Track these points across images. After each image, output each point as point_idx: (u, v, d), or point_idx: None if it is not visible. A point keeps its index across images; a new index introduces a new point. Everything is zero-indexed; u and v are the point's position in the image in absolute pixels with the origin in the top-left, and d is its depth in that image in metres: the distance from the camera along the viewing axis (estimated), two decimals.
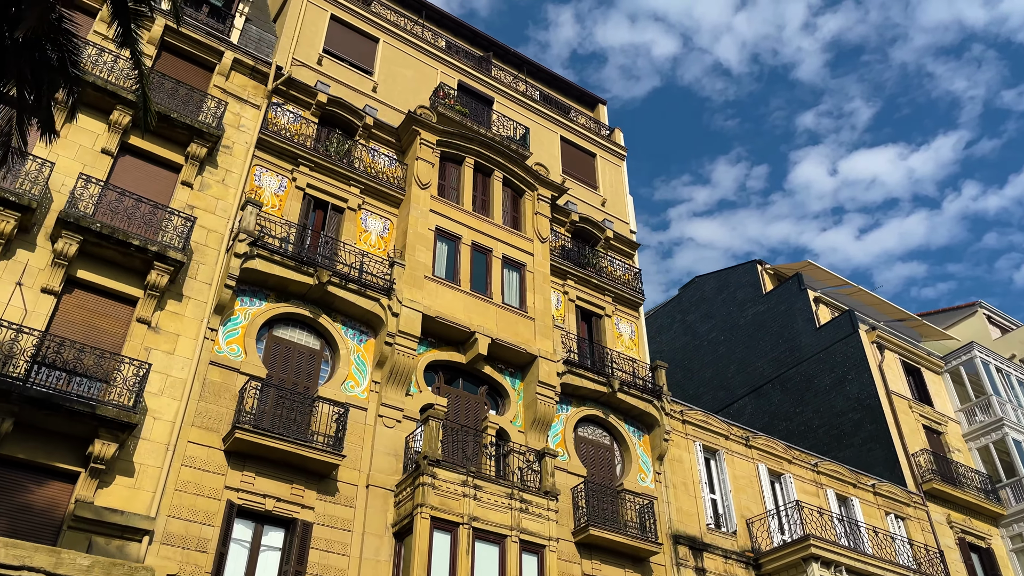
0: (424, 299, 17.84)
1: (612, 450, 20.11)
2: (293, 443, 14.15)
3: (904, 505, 25.20)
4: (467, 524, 14.86)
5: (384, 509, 15.25)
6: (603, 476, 19.40)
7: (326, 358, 16.66)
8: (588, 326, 22.22)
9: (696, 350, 39.37)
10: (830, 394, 30.71)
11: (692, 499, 20.31)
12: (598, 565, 17.48)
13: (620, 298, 22.82)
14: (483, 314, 18.68)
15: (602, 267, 23.14)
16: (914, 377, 31.16)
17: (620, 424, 20.29)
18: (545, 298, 20.24)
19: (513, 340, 18.76)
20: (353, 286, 16.94)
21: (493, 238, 20.28)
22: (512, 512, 15.58)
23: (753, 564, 20.07)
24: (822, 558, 19.10)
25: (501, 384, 18.66)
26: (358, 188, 19.10)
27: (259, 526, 14.00)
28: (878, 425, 28.33)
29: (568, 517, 17.77)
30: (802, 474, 23.27)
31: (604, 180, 25.73)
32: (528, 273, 20.44)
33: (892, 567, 20.24)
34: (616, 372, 20.68)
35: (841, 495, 23.80)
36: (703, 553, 19.42)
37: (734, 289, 38.90)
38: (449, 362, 18.19)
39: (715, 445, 21.88)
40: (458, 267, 19.12)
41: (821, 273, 35.80)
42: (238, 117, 18.12)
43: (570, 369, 19.50)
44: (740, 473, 21.85)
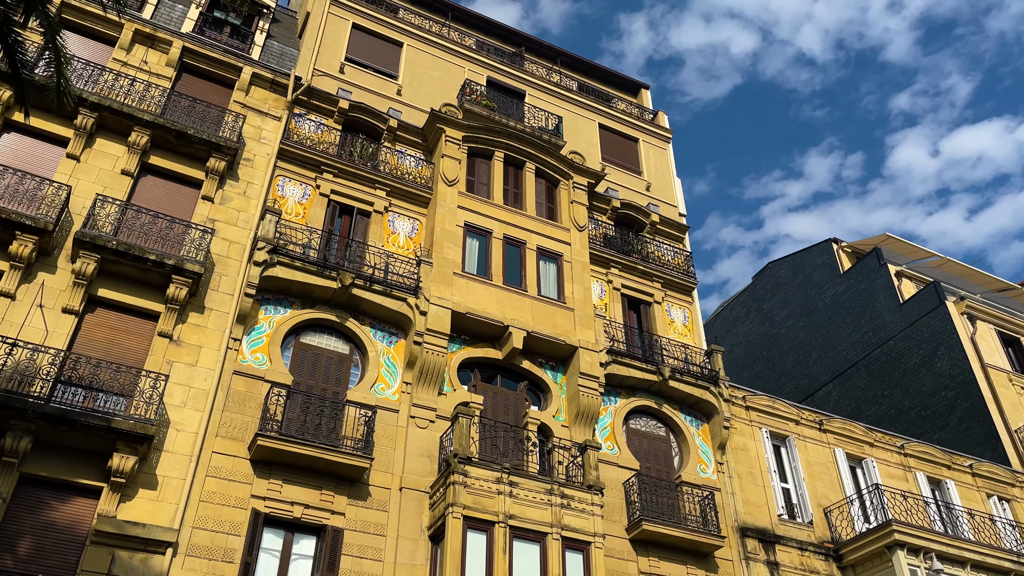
0: (454, 296, 17.36)
1: (668, 442, 19.03)
2: (318, 447, 13.84)
3: (1008, 486, 22.97)
4: (503, 523, 14.18)
5: (419, 512, 14.75)
6: (659, 469, 18.35)
7: (356, 362, 16.37)
8: (637, 315, 21.25)
9: (775, 339, 37.50)
10: (919, 373, 28.55)
11: (760, 489, 18.97)
12: (656, 562, 16.44)
13: (670, 283, 21.75)
14: (518, 307, 18.04)
15: (648, 253, 22.14)
16: (1014, 348, 28.63)
17: (675, 414, 19.21)
18: (585, 287, 19.44)
19: (551, 332, 18.03)
20: (378, 287, 16.62)
21: (526, 230, 19.65)
22: (552, 508, 14.80)
23: (834, 555, 18.55)
24: (908, 544, 17.45)
25: (542, 379, 17.94)
26: (384, 191, 18.86)
27: (289, 534, 13.71)
28: (974, 402, 26.09)
29: (621, 513, 16.83)
30: (886, 457, 21.49)
31: (648, 164, 24.74)
32: (565, 263, 19.70)
33: (992, 552, 18.32)
34: (667, 359, 19.63)
35: (933, 478, 21.87)
36: (775, 546, 18.06)
37: (810, 271, 36.91)
38: (485, 359, 17.62)
39: (784, 431, 20.45)
40: (490, 262, 18.56)
41: (902, 246, 33.50)
42: (259, 130, 18.18)
43: (615, 359, 18.59)
44: (814, 459, 20.33)
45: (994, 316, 28.44)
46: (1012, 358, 28.21)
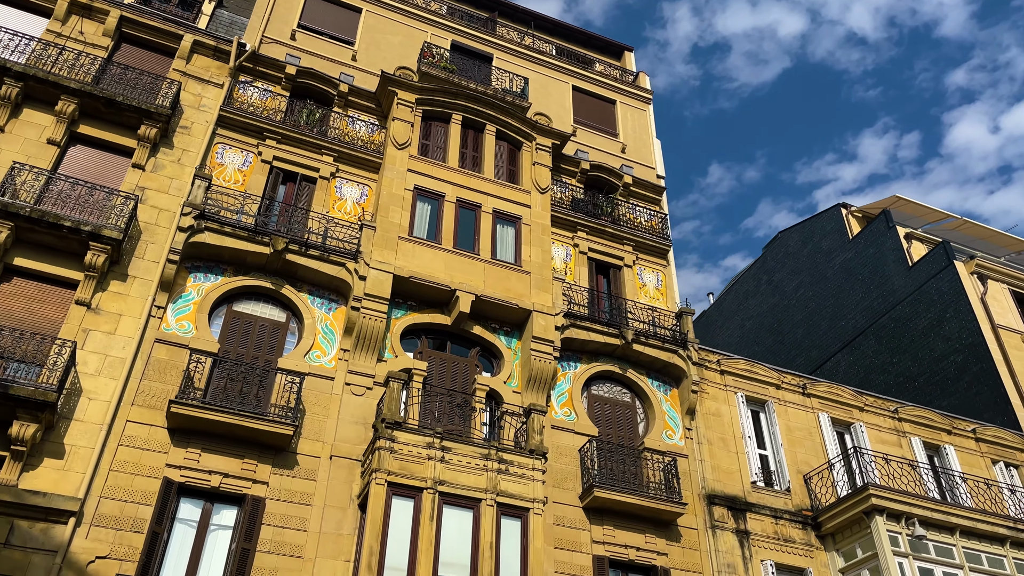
0: (398, 260, 16.71)
1: (633, 407, 18.14)
2: (236, 415, 13.32)
3: (1017, 451, 21.54)
4: (432, 489, 13.50)
5: (349, 481, 14.16)
6: (621, 436, 17.49)
7: (293, 330, 15.83)
8: (607, 279, 20.35)
9: (785, 311, 36.12)
10: (927, 338, 27.07)
11: (733, 455, 17.98)
12: (611, 531, 15.61)
13: (642, 246, 20.80)
14: (468, 271, 17.31)
15: (620, 215, 21.21)
16: None
17: (641, 379, 18.30)
18: (544, 250, 18.62)
19: (503, 296, 17.27)
20: (315, 252, 16.05)
21: (483, 193, 18.90)
22: (488, 474, 14.07)
23: (812, 524, 17.49)
24: (888, 510, 16.31)
25: (494, 344, 17.20)
26: (331, 156, 18.28)
27: (208, 504, 13.24)
28: (984, 365, 24.58)
29: (575, 481, 16.04)
30: (878, 423, 20.27)
31: (625, 126, 23.78)
32: (524, 226, 18.91)
33: (985, 518, 17.05)
34: (632, 323, 18.72)
35: (931, 443, 20.59)
36: (746, 514, 17.07)
37: (819, 239, 35.44)
38: (433, 325, 16.94)
39: (763, 395, 19.38)
40: (440, 226, 17.87)
41: (913, 207, 31.88)
42: (199, 98, 17.74)
43: (573, 323, 17.76)
44: (796, 424, 19.23)
45: (1008, 275, 26.79)
46: None
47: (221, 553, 12.86)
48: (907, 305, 28.44)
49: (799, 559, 16.87)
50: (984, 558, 16.80)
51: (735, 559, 16.31)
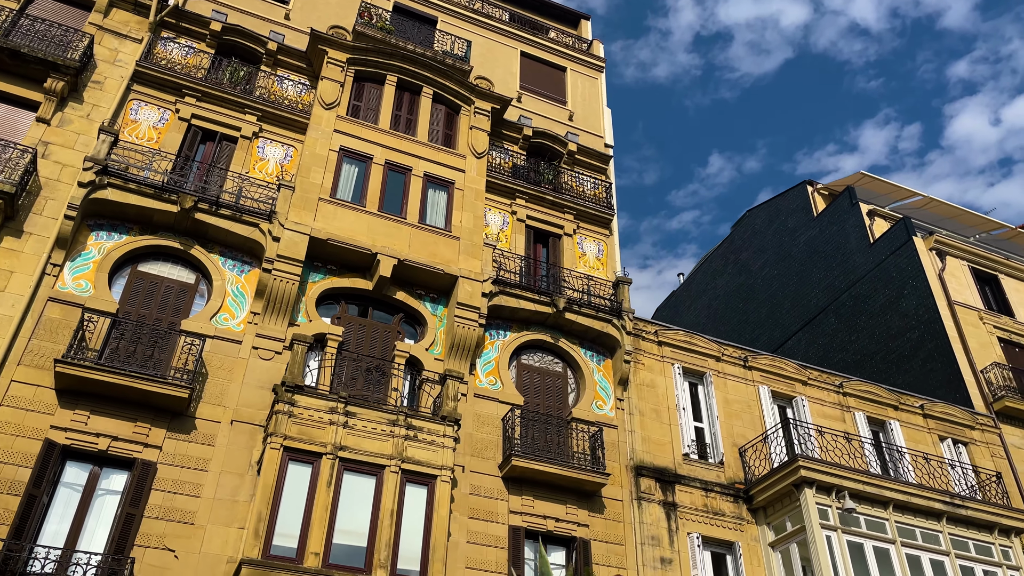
0: (316, 222, 16.12)
1: (564, 377, 17.64)
2: (127, 376, 12.75)
3: (967, 428, 21.13)
4: (332, 454, 12.98)
5: (250, 446, 13.61)
6: (550, 405, 16.99)
7: (202, 292, 15.25)
8: (546, 247, 19.80)
9: (750, 290, 35.67)
10: (885, 315, 26.64)
11: (666, 427, 17.50)
12: (530, 501, 15.13)
13: (584, 215, 20.23)
14: (393, 236, 16.74)
15: (562, 183, 20.63)
16: (991, 286, 26.51)
17: (574, 348, 17.78)
18: (476, 216, 18.05)
19: (428, 261, 16.70)
20: (226, 212, 15.44)
21: (414, 156, 18.29)
22: (395, 440, 13.56)
23: (744, 497, 17.05)
24: (818, 482, 15.86)
25: (418, 311, 16.65)
26: (255, 116, 17.63)
27: (97, 468, 12.69)
28: (938, 341, 24.15)
29: (496, 450, 15.54)
30: (821, 397, 19.82)
31: (575, 94, 23.17)
32: (457, 191, 18.32)
33: (921, 492, 16.62)
34: (566, 292, 18.19)
35: (876, 418, 20.16)
36: (675, 486, 16.61)
37: (785, 217, 34.95)
38: (353, 289, 16.38)
39: (702, 367, 18.90)
40: (366, 188, 17.27)
41: (879, 185, 31.37)
42: (115, 52, 17.06)
43: (503, 290, 17.21)
44: (735, 397, 18.77)
45: (968, 252, 26.34)
46: (987, 296, 26.14)
47: (107, 518, 12.33)
48: (866, 282, 28.00)
49: (728, 532, 16.43)
50: (919, 533, 16.39)
51: (660, 531, 15.87)
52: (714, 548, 16.38)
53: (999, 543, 17.04)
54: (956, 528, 16.77)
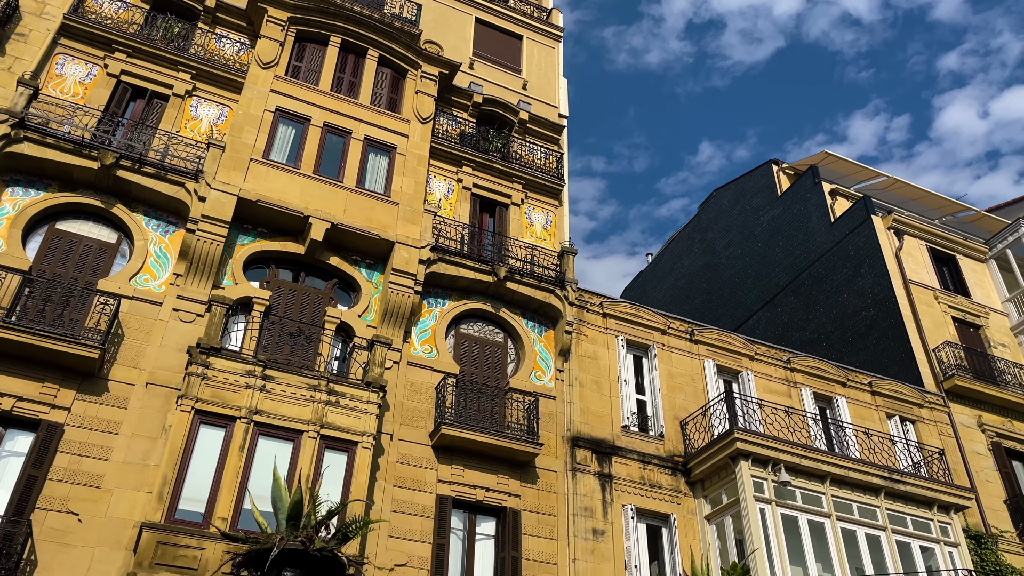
0: (247, 183, 15.64)
1: (504, 348, 17.32)
2: (33, 335, 12.29)
3: (916, 406, 21.05)
4: (247, 418, 12.62)
5: (165, 410, 13.19)
6: (487, 375, 16.67)
7: (124, 252, 14.76)
8: (493, 217, 19.42)
9: (715, 270, 35.49)
10: (842, 294, 26.49)
11: (606, 399, 17.24)
12: (460, 470, 14.84)
13: (533, 185, 19.84)
14: (328, 199, 16.29)
15: (512, 152, 20.22)
16: (949, 267, 26.42)
17: (515, 318, 17.46)
18: (418, 182, 17.63)
19: (364, 226, 16.27)
20: (150, 170, 14.94)
21: (355, 119, 17.82)
22: (315, 405, 13.21)
23: (682, 470, 16.85)
24: (753, 454, 15.67)
25: (353, 277, 16.24)
26: (188, 74, 17.06)
27: (0, 429, 12.24)
28: (893, 320, 24.02)
29: (428, 419, 15.21)
30: (768, 372, 19.64)
31: (530, 63, 22.70)
32: (399, 156, 17.88)
33: (858, 467, 16.48)
34: (509, 261, 17.83)
35: (823, 395, 20.01)
36: (612, 458, 16.38)
37: (750, 196, 34.74)
38: (285, 253, 15.94)
39: (647, 340, 18.64)
40: (302, 150, 16.79)
41: (844, 164, 31.15)
42: (42, 5, 16.43)
43: (442, 257, 16.83)
44: (679, 371, 18.53)
45: (926, 232, 26.20)
46: (944, 276, 26.04)
47: (9, 481, 11.91)
48: (826, 261, 27.84)
49: (664, 505, 16.24)
50: (856, 508, 16.26)
51: (594, 503, 15.64)
52: (650, 520, 16.18)
53: (938, 519, 16.96)
54: (895, 503, 16.66)
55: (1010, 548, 19.59)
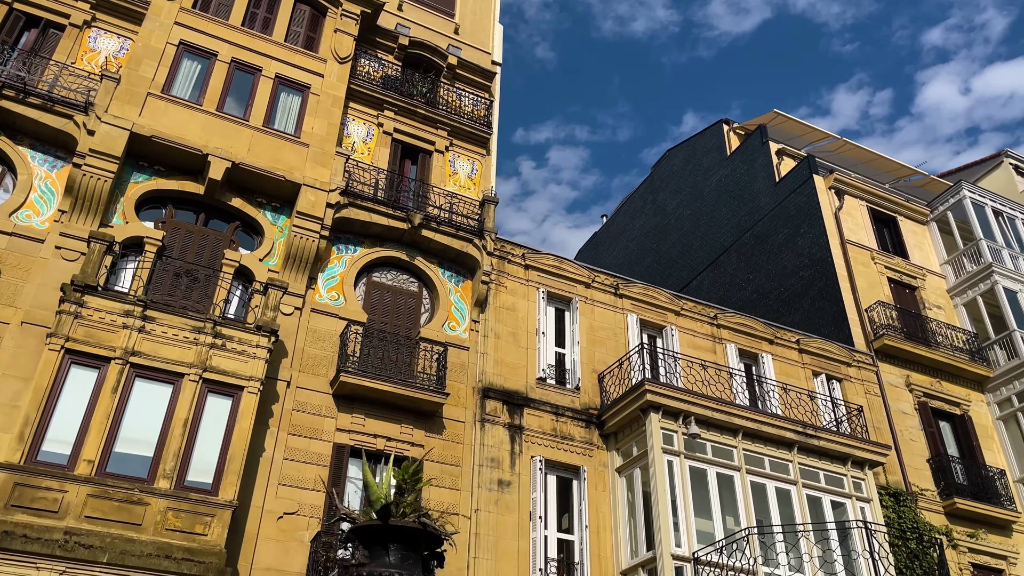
0: (143, 118, 14.89)
1: (419, 297, 16.85)
2: None
3: (844, 365, 20.95)
4: (122, 359, 12.06)
5: (41, 350, 12.59)
6: (400, 325, 16.21)
7: (7, 187, 14.01)
8: (415, 164, 18.81)
9: (664, 231, 35.19)
10: (782, 253, 26.30)
11: (522, 350, 16.88)
12: (360, 419, 14.44)
13: (459, 132, 19.23)
14: (232, 138, 15.59)
15: (439, 98, 19.55)
16: (889, 228, 26.27)
17: (430, 267, 16.97)
18: (331, 124, 16.95)
19: (268, 166, 15.61)
20: (36, 100, 14.14)
21: (267, 56, 17.05)
22: (199, 348, 12.67)
23: (596, 422, 16.59)
24: (664, 407, 15.42)
25: (256, 219, 15.62)
26: (87, 3, 16.17)
27: None
28: (828, 280, 23.86)
29: (331, 367, 14.74)
30: (694, 327, 19.37)
31: (464, 6, 21.92)
32: (312, 96, 17.16)
33: (771, 421, 16.31)
34: (428, 209, 17.29)
35: (749, 351, 19.80)
36: (524, 409, 16.06)
37: (701, 156, 34.34)
38: (183, 193, 15.26)
39: (570, 293, 18.26)
40: (207, 86, 16.03)
41: (794, 125, 30.84)
42: None
43: (352, 202, 16.24)
44: (601, 324, 18.20)
45: (867, 192, 25.98)
46: (884, 237, 25.88)
47: None
48: (768, 221, 27.59)
49: (575, 457, 15.98)
50: (767, 462, 16.11)
51: (501, 454, 15.34)
52: (560, 473, 15.93)
53: (852, 475, 16.90)
54: (808, 458, 16.55)
55: (930, 506, 19.68)
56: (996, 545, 19.98)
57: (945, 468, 20.53)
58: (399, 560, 3.87)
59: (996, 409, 22.83)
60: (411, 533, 3.98)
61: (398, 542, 3.90)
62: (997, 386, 22.97)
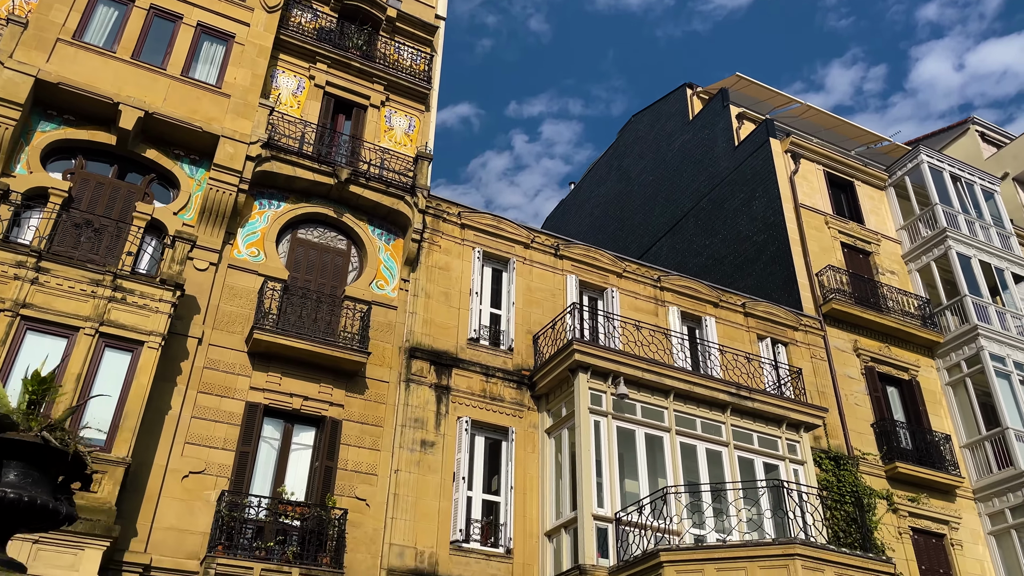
0: (50, 64, 14.24)
1: (347, 255, 16.40)
2: None
3: (790, 329, 20.70)
4: (12, 311, 11.57)
5: None
6: (326, 283, 15.77)
7: None
8: (349, 120, 18.24)
9: (628, 197, 34.77)
10: (737, 218, 25.96)
11: (454, 311, 16.49)
12: (276, 378, 14.04)
13: (396, 87, 18.64)
14: (147, 87, 14.98)
15: (375, 51, 18.93)
16: (846, 192, 25.95)
17: (360, 225, 16.50)
18: (256, 74, 16.34)
19: (185, 117, 15.03)
20: None
21: (189, 3, 16.38)
22: (96, 301, 12.20)
23: (528, 383, 16.27)
24: (593, 367, 15.11)
25: (172, 172, 15.07)
26: None
27: None
28: (780, 244, 23.56)
29: (247, 324, 14.30)
30: (636, 290, 19.03)
31: None
32: (237, 45, 16.53)
33: (703, 382, 16.03)
34: (359, 164, 16.77)
35: (692, 314, 19.51)
36: (452, 370, 15.71)
37: (664, 121, 33.83)
38: (94, 143, 14.67)
39: (508, 253, 17.85)
40: (122, 33, 15.37)
41: (757, 89, 30.36)
42: None
43: (275, 155, 15.70)
44: (539, 285, 17.82)
45: (823, 156, 25.60)
46: (840, 202, 25.58)
47: None
48: (725, 185, 27.21)
49: (505, 418, 15.68)
50: (699, 423, 15.87)
51: (427, 414, 15.00)
52: (490, 434, 15.63)
53: (786, 437, 16.70)
54: (742, 420, 16.32)
55: (872, 471, 19.58)
56: (938, 510, 19.94)
57: (889, 433, 20.42)
58: (19, 479, 3.50)
59: (945, 375, 22.71)
60: (32, 449, 3.59)
61: (18, 459, 3.53)
62: (947, 352, 22.84)
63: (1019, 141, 32.04)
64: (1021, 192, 31.61)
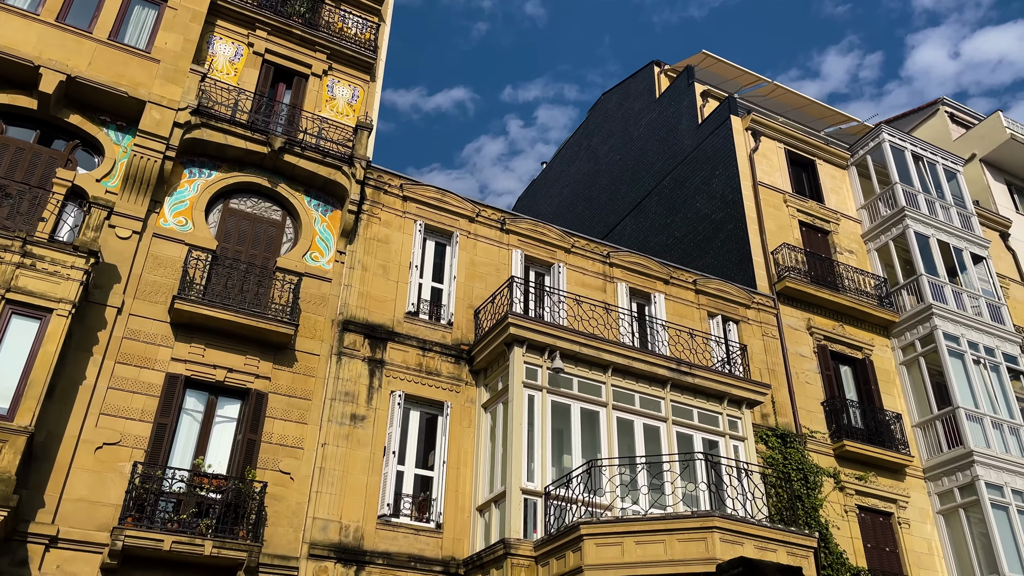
0: None
1: (282, 227, 16.05)
2: None
3: (742, 306, 20.53)
4: None
5: None
6: (257, 255, 15.43)
7: None
8: (291, 89, 17.83)
9: (596, 176, 34.47)
10: (696, 197, 25.73)
11: (392, 284, 16.20)
12: (199, 349, 13.72)
13: (339, 55, 18.22)
14: (71, 50, 14.53)
15: (318, 19, 18.50)
16: (807, 171, 25.74)
17: (296, 196, 16.15)
18: (188, 40, 15.90)
19: (111, 81, 14.60)
20: None
21: None
22: (3, 267, 11.83)
23: (467, 358, 16.03)
24: (529, 341, 14.87)
25: (96, 138, 14.65)
26: None
27: None
28: (737, 223, 23.34)
29: (171, 294, 13.95)
30: (584, 266, 18.79)
31: None
32: (170, 10, 16.07)
33: (641, 356, 15.82)
34: (297, 134, 16.40)
35: (641, 291, 19.29)
36: (387, 343, 15.44)
37: (632, 99, 33.50)
38: (14, 108, 14.24)
39: (451, 227, 17.54)
40: None
41: (724, 67, 30.06)
42: None
43: (205, 122, 15.30)
44: (484, 260, 17.54)
45: (784, 134, 25.34)
46: (801, 180, 25.36)
47: None
48: (687, 163, 26.96)
49: (441, 392, 15.44)
50: (637, 398, 15.68)
51: (358, 388, 14.74)
52: (425, 409, 15.39)
53: (727, 413, 16.55)
54: (682, 396, 16.14)
55: (820, 448, 19.49)
56: (887, 488, 19.88)
57: (839, 411, 20.32)
58: None
59: (900, 354, 22.62)
60: None
61: None
62: (902, 331, 22.74)
63: (986, 122, 31.88)
64: (988, 173, 31.49)
